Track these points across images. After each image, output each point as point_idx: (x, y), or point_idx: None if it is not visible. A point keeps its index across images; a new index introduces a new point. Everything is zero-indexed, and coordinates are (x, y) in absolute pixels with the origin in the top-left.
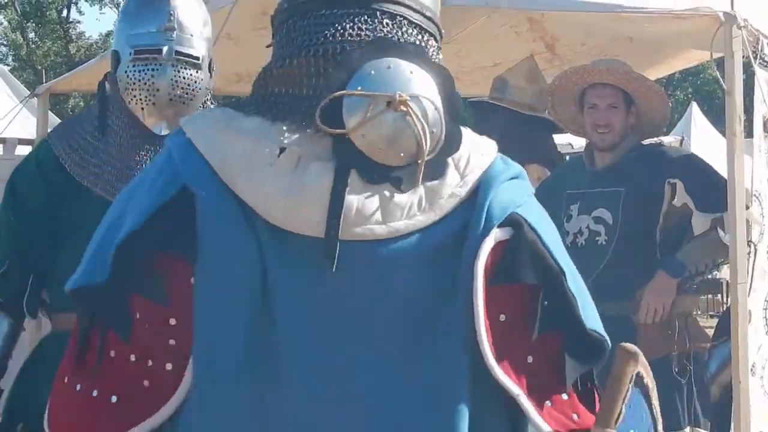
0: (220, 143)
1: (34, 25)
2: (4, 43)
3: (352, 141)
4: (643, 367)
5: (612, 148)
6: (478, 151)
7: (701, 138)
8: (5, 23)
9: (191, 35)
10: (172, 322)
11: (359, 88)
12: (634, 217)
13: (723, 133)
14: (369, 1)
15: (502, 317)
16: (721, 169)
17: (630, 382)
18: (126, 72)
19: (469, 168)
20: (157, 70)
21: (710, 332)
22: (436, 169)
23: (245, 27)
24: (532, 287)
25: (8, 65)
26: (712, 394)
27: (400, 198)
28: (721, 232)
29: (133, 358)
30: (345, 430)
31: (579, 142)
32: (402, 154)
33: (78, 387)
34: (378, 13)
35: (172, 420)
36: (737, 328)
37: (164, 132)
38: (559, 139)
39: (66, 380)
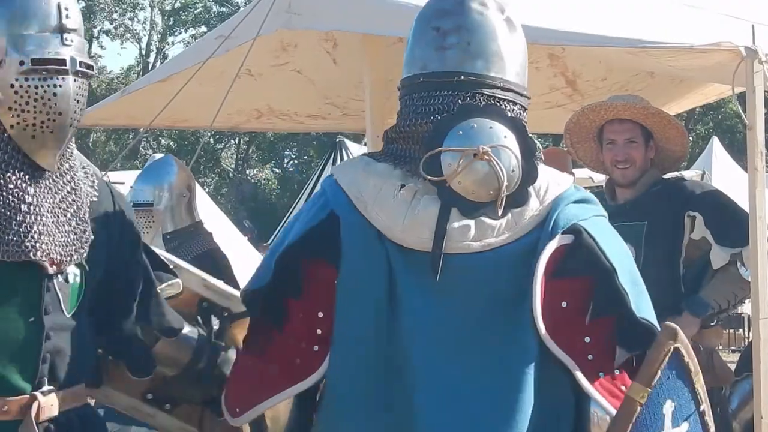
0: (357, 181)
1: None
2: None
3: (450, 184)
4: (684, 348)
5: (633, 184)
6: (555, 182)
7: (722, 172)
8: None
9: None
10: (320, 315)
11: (452, 145)
12: (657, 250)
13: (744, 167)
14: (454, 85)
15: (564, 304)
16: (743, 204)
17: (667, 353)
18: (12, 85)
19: (547, 196)
20: (59, 87)
21: (732, 367)
22: (519, 199)
23: (265, 63)
24: (588, 281)
25: None
26: (733, 431)
27: (490, 221)
28: (741, 267)
29: (289, 342)
30: (447, 392)
31: (599, 177)
32: (490, 192)
33: (248, 364)
34: (462, 92)
35: (317, 388)
36: (759, 363)
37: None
38: (579, 173)
39: (240, 362)
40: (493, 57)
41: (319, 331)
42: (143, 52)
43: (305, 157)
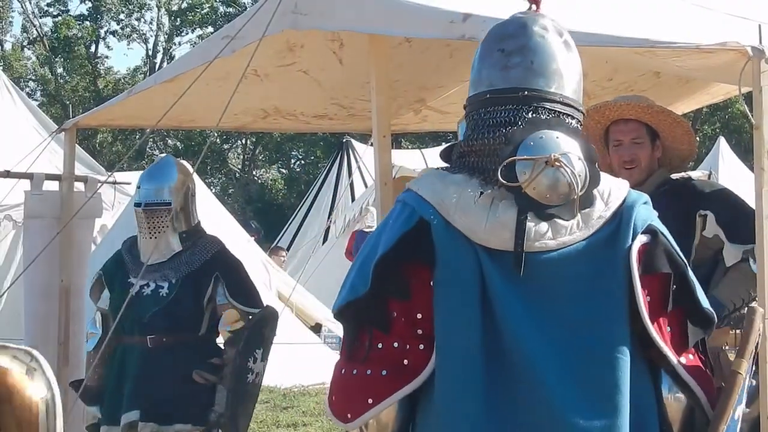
0: (437, 191)
1: (62, 60)
2: (33, 78)
3: (526, 191)
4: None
5: (640, 184)
6: (616, 187)
7: (729, 172)
8: (34, 58)
9: None
10: (419, 315)
11: (525, 155)
12: None
13: (751, 167)
14: (520, 98)
15: (648, 298)
16: (750, 203)
17: (758, 330)
18: None
19: (611, 198)
20: None
21: None
22: (587, 200)
23: (271, 63)
24: (666, 276)
25: (37, 100)
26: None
27: (563, 222)
28: (753, 264)
29: (395, 344)
30: (547, 378)
31: None
32: (561, 196)
33: (354, 371)
34: (525, 106)
35: (423, 388)
36: (765, 363)
37: None
38: None
39: (343, 371)
40: (554, 75)
41: (420, 331)
42: (150, 52)
43: (312, 158)
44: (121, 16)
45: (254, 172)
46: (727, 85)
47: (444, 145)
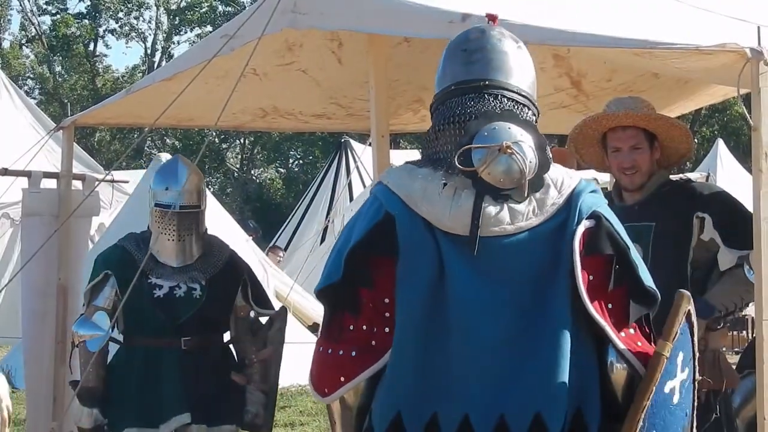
0: (405, 184)
1: (60, 58)
2: (31, 76)
3: (482, 176)
4: (692, 308)
5: (641, 188)
6: (568, 176)
7: (727, 175)
8: (32, 57)
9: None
10: (386, 300)
11: (480, 143)
12: (665, 251)
13: (749, 169)
14: (479, 88)
15: (591, 278)
16: (748, 206)
17: (683, 314)
18: None
19: (563, 186)
20: None
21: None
22: (537, 184)
23: (270, 62)
24: (608, 257)
25: (35, 99)
26: (737, 429)
27: (519, 207)
28: (747, 270)
29: (364, 327)
30: (488, 355)
31: (604, 178)
32: (514, 180)
33: (329, 350)
34: (486, 95)
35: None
36: (762, 364)
37: None
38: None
39: (320, 349)
40: (511, 70)
41: (387, 314)
42: (149, 51)
43: (310, 158)
44: (120, 15)
45: (252, 172)
46: (726, 86)
47: None
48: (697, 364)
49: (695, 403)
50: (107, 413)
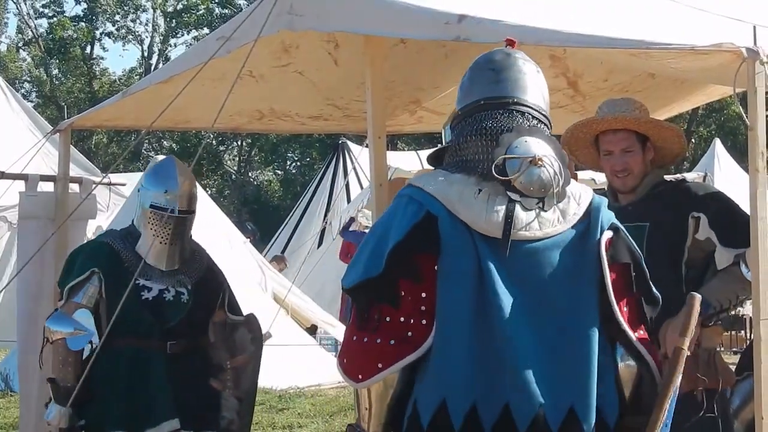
0: (441, 187)
1: (57, 61)
2: (28, 79)
3: (515, 185)
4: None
5: (634, 189)
6: (584, 190)
7: (725, 174)
8: (29, 60)
9: None
10: (423, 294)
11: (513, 155)
12: (660, 251)
13: (746, 169)
14: (508, 105)
15: (611, 283)
16: (745, 206)
17: (696, 313)
18: None
19: (581, 199)
20: None
21: (733, 368)
22: (562, 195)
23: (267, 64)
24: (626, 265)
25: (32, 102)
26: (735, 430)
27: (547, 215)
28: (743, 268)
29: (402, 319)
30: (527, 352)
31: (601, 178)
32: (543, 189)
33: (365, 339)
34: (514, 112)
35: (422, 357)
36: (760, 364)
37: None
38: (582, 174)
39: (354, 338)
40: (534, 92)
41: (423, 308)
42: (145, 54)
43: (308, 160)
44: (117, 18)
45: (250, 174)
46: (723, 86)
47: (432, 149)
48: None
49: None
50: (85, 414)
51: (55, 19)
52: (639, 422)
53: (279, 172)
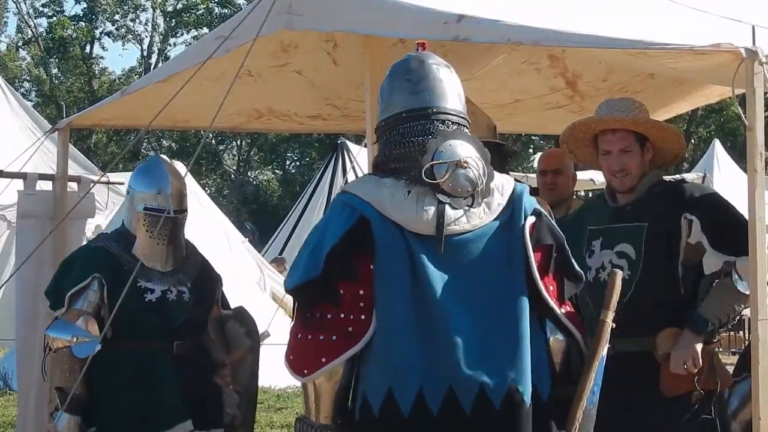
0: (373, 192)
1: (57, 60)
2: (28, 78)
3: (443, 187)
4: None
5: (633, 189)
6: (506, 180)
7: (724, 175)
8: (29, 59)
9: None
10: (361, 292)
11: (439, 160)
12: (657, 252)
13: (745, 169)
14: (429, 115)
15: (537, 263)
16: (744, 206)
17: (618, 288)
18: None
19: (504, 190)
20: None
21: (732, 369)
22: (486, 191)
23: (265, 64)
24: (549, 246)
25: (31, 101)
26: (733, 431)
27: (474, 209)
28: (736, 278)
29: (342, 316)
30: (464, 336)
31: (600, 178)
32: (469, 189)
33: (309, 337)
34: (435, 121)
35: (363, 351)
36: (758, 364)
37: None
38: (581, 175)
39: (299, 336)
40: (451, 96)
41: (361, 304)
42: (145, 53)
43: (307, 159)
44: (116, 17)
45: (249, 173)
46: (722, 87)
47: None
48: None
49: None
50: (96, 421)
51: (54, 18)
52: (569, 391)
53: (278, 171)
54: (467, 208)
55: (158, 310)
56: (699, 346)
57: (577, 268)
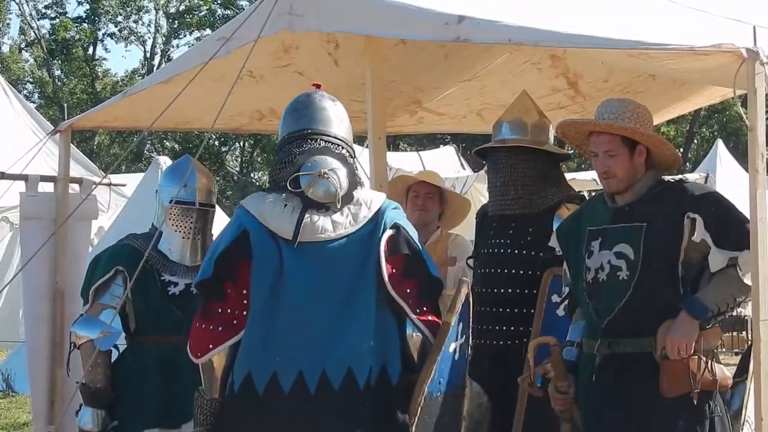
0: (257, 206)
1: (60, 62)
2: (31, 80)
3: (308, 195)
4: (469, 290)
5: (619, 193)
6: (375, 196)
7: (726, 175)
8: (32, 61)
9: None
10: (244, 291)
11: (305, 171)
12: (656, 252)
13: (747, 169)
14: (305, 135)
15: (393, 270)
16: (746, 206)
17: (464, 295)
18: None
19: (372, 204)
20: None
21: (734, 369)
22: (348, 199)
23: (267, 65)
24: (405, 256)
25: (34, 103)
26: (734, 431)
27: (338, 218)
28: (739, 271)
29: (228, 310)
30: (315, 327)
31: None
32: (331, 196)
33: (203, 326)
34: (308, 139)
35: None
36: (759, 365)
37: None
38: (584, 175)
39: (197, 325)
40: (329, 121)
41: (245, 302)
42: (148, 55)
43: None
44: (119, 19)
45: (252, 175)
46: (724, 87)
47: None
48: (470, 333)
49: (468, 359)
50: (119, 415)
51: (57, 20)
52: (415, 378)
53: None
54: (332, 214)
55: (181, 303)
56: (695, 332)
57: (434, 272)
